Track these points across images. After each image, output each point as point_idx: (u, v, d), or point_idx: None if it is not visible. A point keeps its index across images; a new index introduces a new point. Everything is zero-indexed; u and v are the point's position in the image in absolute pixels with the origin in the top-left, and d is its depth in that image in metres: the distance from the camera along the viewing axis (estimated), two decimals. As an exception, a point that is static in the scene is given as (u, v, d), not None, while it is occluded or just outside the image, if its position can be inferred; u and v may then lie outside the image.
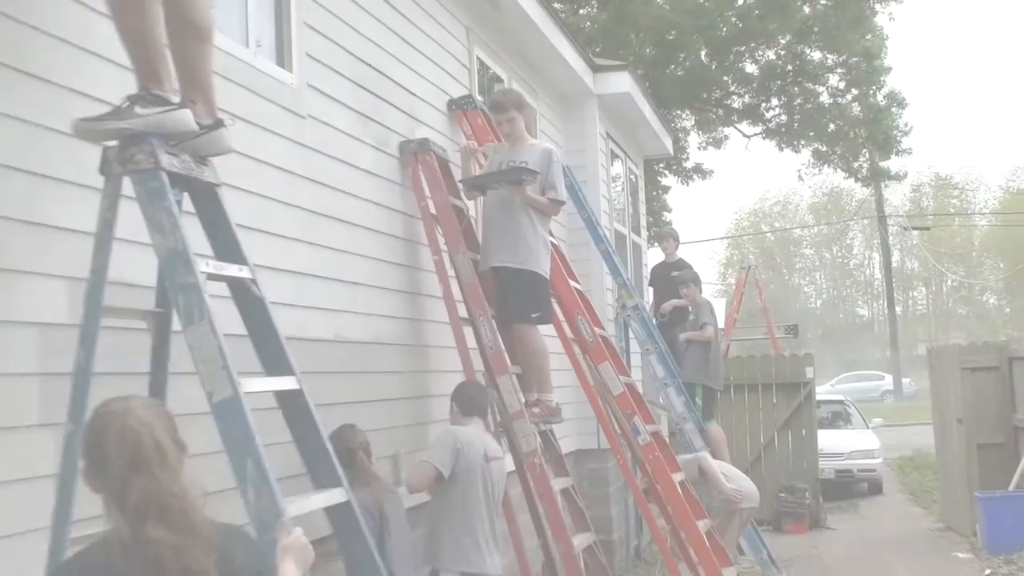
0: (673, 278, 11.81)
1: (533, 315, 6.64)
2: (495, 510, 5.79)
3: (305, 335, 5.29)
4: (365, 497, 4.90)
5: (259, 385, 3.32)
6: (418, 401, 6.70)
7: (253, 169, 4.96)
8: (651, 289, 12.97)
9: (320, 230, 5.62)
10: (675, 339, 11.34)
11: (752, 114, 26.38)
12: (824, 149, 26.74)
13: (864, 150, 26.95)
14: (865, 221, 65.87)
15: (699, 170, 27.11)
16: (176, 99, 3.42)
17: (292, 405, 3.47)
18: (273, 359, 3.47)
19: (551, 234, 7.06)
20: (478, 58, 8.45)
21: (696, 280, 11.43)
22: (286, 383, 3.43)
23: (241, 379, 3.12)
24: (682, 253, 12.96)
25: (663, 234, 12.99)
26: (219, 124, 3.53)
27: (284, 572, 2.74)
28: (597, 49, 20.46)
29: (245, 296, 3.49)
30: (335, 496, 3.43)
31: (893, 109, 26.41)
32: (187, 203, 3.50)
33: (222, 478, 3.09)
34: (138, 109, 3.31)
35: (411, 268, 6.80)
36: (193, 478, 2.59)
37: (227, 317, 3.45)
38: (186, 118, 3.39)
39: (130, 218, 3.36)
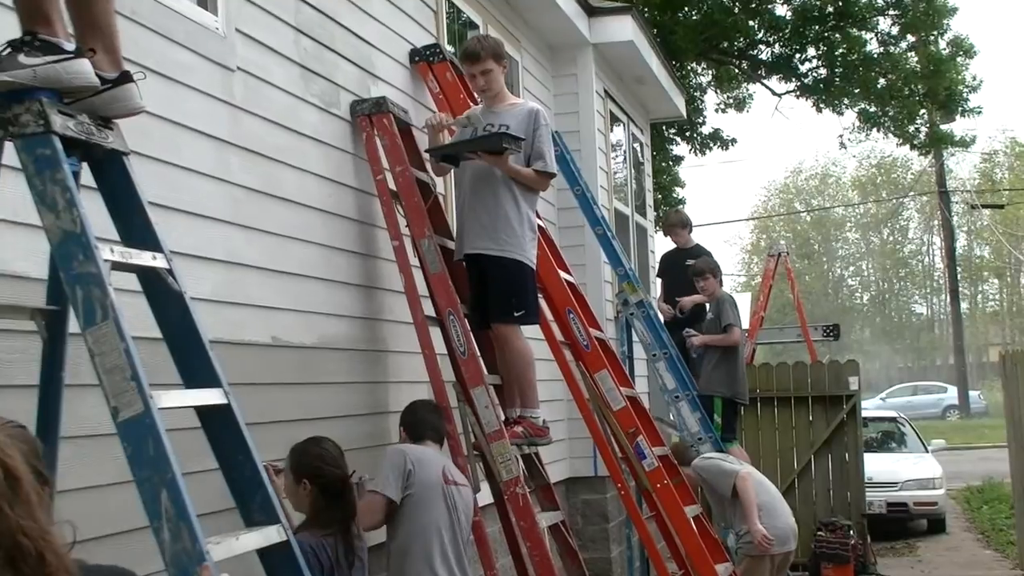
0: (687, 268, 11.84)
1: (516, 313, 6.65)
2: (462, 539, 5.87)
3: (235, 338, 5.29)
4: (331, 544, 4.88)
5: (177, 399, 3.31)
6: (376, 419, 6.71)
7: (170, 134, 4.95)
8: (659, 282, 13.00)
9: (254, 209, 5.61)
10: (683, 340, 11.34)
11: (783, 67, 26.42)
12: (872, 110, 26.80)
13: (922, 110, 27.07)
14: (923, 198, 66.17)
15: (718, 137, 27.14)
16: (71, 46, 3.40)
17: (218, 424, 3.46)
18: (194, 368, 3.46)
19: (538, 214, 7.07)
20: (447, -2, 8.46)
21: (715, 270, 11.45)
22: (211, 397, 3.42)
23: (154, 392, 3.11)
24: (698, 238, 13.00)
25: (671, 222, 13.02)
26: (126, 78, 3.51)
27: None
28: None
29: (160, 290, 3.48)
30: (271, 535, 3.42)
31: (958, 59, 26.53)
32: (87, 175, 3.49)
33: (131, 514, 3.09)
34: (22, 58, 3.28)
35: (366, 256, 6.80)
36: (61, 518, 2.57)
37: (138, 316, 3.43)
38: (84, 70, 3.37)
39: (15, 193, 3.35)
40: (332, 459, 5.01)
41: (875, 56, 25.89)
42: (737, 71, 27.60)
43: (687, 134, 26.63)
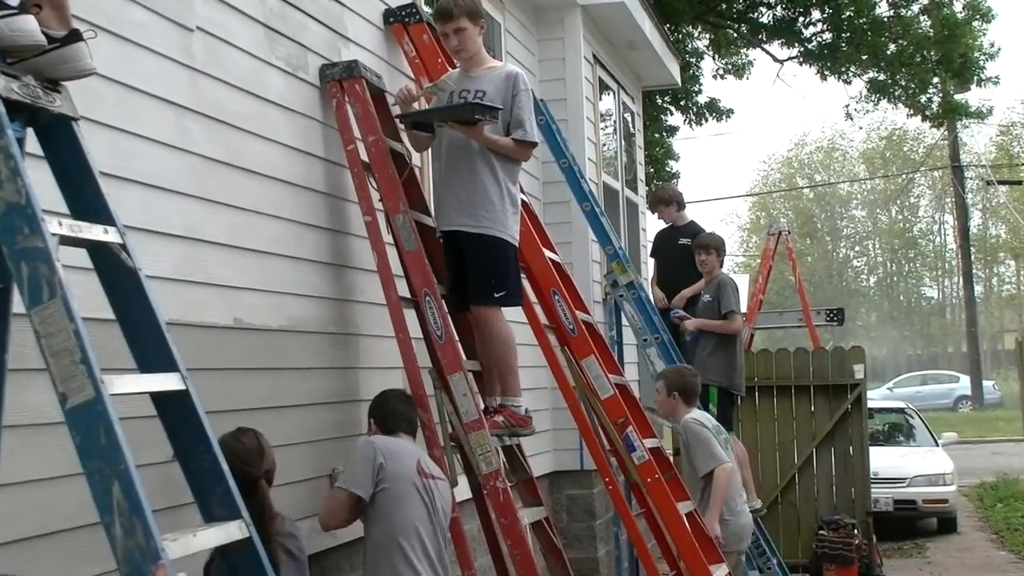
0: (681, 248, 11.83)
1: (496, 294, 6.65)
2: (442, 536, 5.91)
3: (195, 319, 5.28)
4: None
5: (131, 385, 3.30)
6: (346, 407, 6.71)
7: (123, 98, 4.92)
8: (652, 262, 12.99)
9: (215, 181, 5.59)
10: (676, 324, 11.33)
11: (786, 32, 26.42)
12: (882, 78, 26.82)
13: (935, 78, 27.10)
14: (935, 174, 66.38)
15: (715, 107, 27.14)
16: (14, 1, 3.38)
17: (175, 411, 3.46)
18: (150, 351, 3.46)
19: (521, 188, 7.06)
20: (425, -46, 8.43)
21: (720, 247, 11.41)
22: (168, 382, 3.42)
23: (106, 377, 3.11)
24: (692, 216, 12.96)
25: (655, 199, 12.98)
26: (75, 37, 3.50)
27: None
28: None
29: (113, 267, 3.47)
30: (232, 532, 3.43)
31: (975, 24, 26.56)
32: (32, 142, 3.47)
33: (81, 508, 3.08)
34: (-40, 13, 3.27)
35: (336, 232, 6.79)
36: (5, 513, 2.56)
37: (88, 295, 3.42)
38: (29, 27, 3.35)
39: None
40: (246, 455, 5.02)
41: (885, 20, 25.90)
42: (736, 35, 27.60)
43: (682, 103, 26.62)
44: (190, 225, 5.35)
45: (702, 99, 27.02)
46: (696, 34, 27.06)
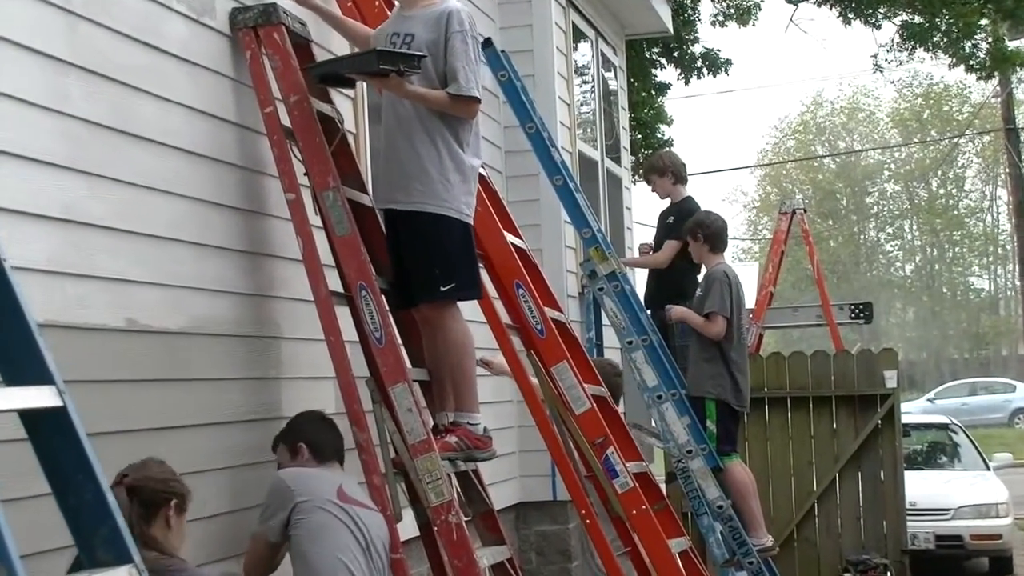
0: (668, 226, 11.86)
1: (443, 287, 6.67)
2: (382, 572, 5.97)
3: (75, 320, 5.28)
4: None
5: (-6, 400, 3.30)
6: (264, 426, 6.72)
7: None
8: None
9: (100, 151, 5.59)
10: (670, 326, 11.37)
11: (802, -33, 26.52)
12: (918, 21, 26.94)
13: (983, 20, 27.21)
14: (985, 138, 66.59)
15: (713, 59, 27.11)
16: None
17: (50, 433, 3.45)
18: (18, 359, 3.45)
19: (477, 156, 7.05)
20: None
21: (707, 233, 11.39)
22: (40, 397, 3.41)
23: (-38, 391, 3.10)
24: (691, 190, 12.99)
25: (648, 167, 12.98)
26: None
27: None
28: None
29: (-29, 256, 3.46)
30: (119, 579, 3.43)
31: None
32: None
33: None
34: None
35: (252, 213, 6.81)
36: None
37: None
38: None
39: None
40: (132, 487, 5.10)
41: (922, -49, 26.01)
42: (741, -29, 27.68)
43: (674, 55, 26.61)
44: (69, 204, 5.35)
45: (698, 48, 26.97)
46: (692, -31, 27.11)
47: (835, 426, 14.74)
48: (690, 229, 11.26)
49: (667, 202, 12.66)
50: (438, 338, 6.73)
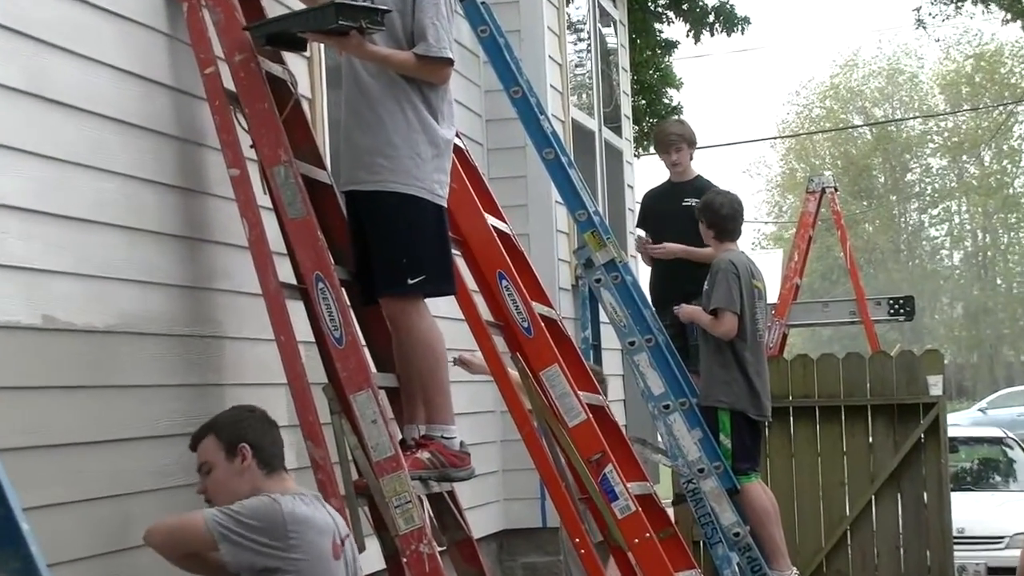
0: (684, 211, 11.82)
1: (411, 280, 6.66)
2: None
3: (-20, 319, 5.25)
4: None
5: None
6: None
7: None
8: (640, 232, 12.98)
9: (12, 119, 5.58)
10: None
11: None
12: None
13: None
14: (1045, 106, 66.83)
15: (727, 14, 27.13)
16: None
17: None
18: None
19: (452, 125, 7.02)
20: None
21: (718, 216, 11.34)
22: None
23: None
24: (701, 167, 12.96)
25: (665, 136, 12.87)
26: None
27: None
28: None
29: None
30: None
31: None
32: None
33: None
34: None
35: (190, 192, 6.81)
36: None
37: None
38: None
39: None
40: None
41: None
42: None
43: (683, 7, 26.62)
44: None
45: (710, 2, 26.96)
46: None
47: (871, 440, 14.78)
48: (699, 209, 11.23)
49: (664, 179, 12.61)
50: (405, 339, 6.72)
